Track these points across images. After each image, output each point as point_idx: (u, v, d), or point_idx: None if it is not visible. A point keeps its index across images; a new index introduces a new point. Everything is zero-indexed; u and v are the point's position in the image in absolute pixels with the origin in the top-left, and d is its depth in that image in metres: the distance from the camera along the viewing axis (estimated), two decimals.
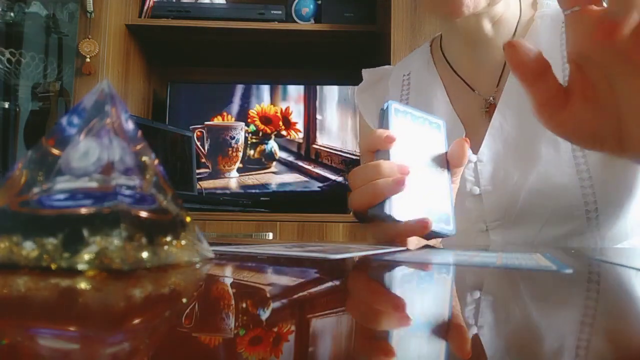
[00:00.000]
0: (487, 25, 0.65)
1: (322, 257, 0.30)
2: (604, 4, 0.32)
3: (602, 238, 0.59)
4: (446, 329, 0.14)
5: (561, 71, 0.61)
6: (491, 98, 0.67)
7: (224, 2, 1.87)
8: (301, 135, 1.87)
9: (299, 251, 0.33)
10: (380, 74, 0.81)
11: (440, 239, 0.50)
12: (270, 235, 1.53)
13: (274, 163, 1.86)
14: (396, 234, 0.45)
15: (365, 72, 0.83)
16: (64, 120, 0.23)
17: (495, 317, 0.16)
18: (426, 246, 0.44)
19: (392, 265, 0.28)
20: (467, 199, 0.64)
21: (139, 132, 0.24)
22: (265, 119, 1.88)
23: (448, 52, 0.73)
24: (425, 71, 0.75)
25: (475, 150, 0.64)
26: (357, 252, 0.32)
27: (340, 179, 1.84)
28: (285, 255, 0.32)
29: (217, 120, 1.87)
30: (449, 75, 0.72)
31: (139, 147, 0.24)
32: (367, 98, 0.80)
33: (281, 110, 1.88)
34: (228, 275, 0.24)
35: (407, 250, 0.37)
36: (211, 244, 0.28)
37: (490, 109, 0.66)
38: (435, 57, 0.75)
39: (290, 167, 1.87)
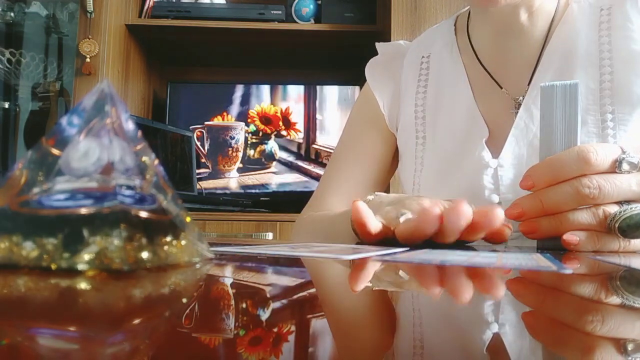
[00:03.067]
0: (523, 15, 0.59)
1: (334, 258, 0.30)
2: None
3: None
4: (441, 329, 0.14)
5: (597, 69, 0.57)
6: (521, 98, 0.60)
7: (224, 2, 1.87)
8: (301, 135, 1.87)
9: (306, 251, 0.33)
10: (395, 50, 0.74)
11: None
12: (270, 235, 1.53)
13: (274, 163, 1.86)
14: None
15: (380, 46, 0.76)
16: (64, 121, 0.23)
17: (496, 318, 0.16)
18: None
19: (394, 265, 0.28)
20: None
21: (139, 132, 0.24)
22: (265, 119, 1.88)
23: (475, 40, 0.66)
24: (447, 57, 0.67)
25: (497, 154, 0.59)
26: (365, 253, 0.32)
27: None
28: (293, 256, 0.32)
29: (217, 120, 1.87)
30: (474, 67, 0.65)
31: (139, 147, 0.24)
32: (379, 72, 0.73)
33: (281, 110, 1.88)
34: (228, 275, 0.24)
35: (410, 250, 0.37)
36: (211, 244, 0.28)
37: (520, 110, 0.60)
38: (459, 41, 0.68)
39: (290, 167, 1.87)
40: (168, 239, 0.23)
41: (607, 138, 0.55)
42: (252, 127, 1.87)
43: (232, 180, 1.85)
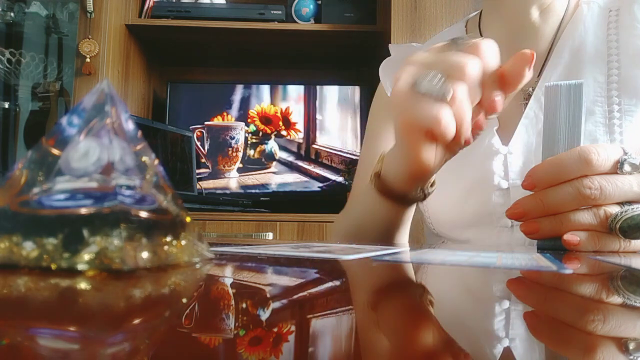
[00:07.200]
0: (534, 13, 0.63)
1: (334, 258, 0.30)
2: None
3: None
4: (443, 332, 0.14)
5: (605, 64, 0.60)
6: (530, 89, 0.63)
7: (224, 2, 1.87)
8: (301, 135, 1.87)
9: (306, 252, 0.33)
10: (408, 52, 0.75)
11: None
12: (270, 235, 1.53)
13: (274, 163, 1.86)
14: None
15: (393, 48, 0.78)
16: (64, 121, 0.23)
17: (497, 319, 0.16)
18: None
19: (396, 265, 0.28)
20: (494, 193, 0.61)
21: (139, 132, 0.24)
22: (265, 119, 1.88)
23: (487, 37, 0.70)
24: None
25: (507, 141, 0.62)
26: (365, 253, 0.32)
27: (340, 179, 1.84)
28: (293, 256, 0.32)
29: (217, 120, 1.87)
30: None
31: (139, 147, 0.24)
32: (394, 71, 0.73)
33: (281, 110, 1.88)
34: (228, 275, 0.24)
35: (411, 250, 0.37)
36: (211, 244, 0.28)
37: (530, 100, 0.62)
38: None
39: (290, 167, 1.87)
40: (168, 239, 0.23)
41: (613, 127, 0.58)
42: (252, 127, 1.87)
43: (232, 180, 1.85)
